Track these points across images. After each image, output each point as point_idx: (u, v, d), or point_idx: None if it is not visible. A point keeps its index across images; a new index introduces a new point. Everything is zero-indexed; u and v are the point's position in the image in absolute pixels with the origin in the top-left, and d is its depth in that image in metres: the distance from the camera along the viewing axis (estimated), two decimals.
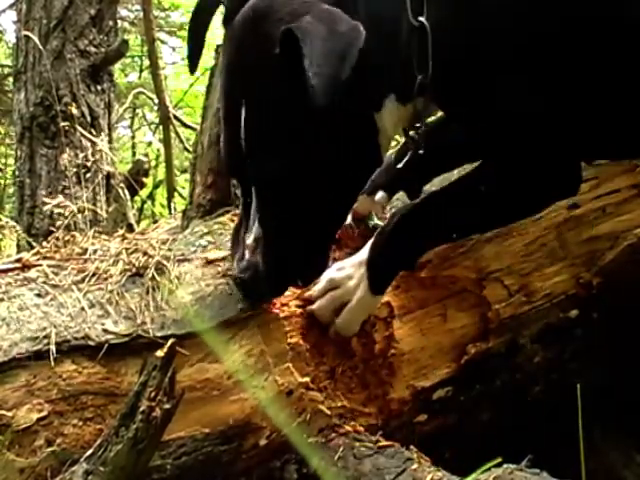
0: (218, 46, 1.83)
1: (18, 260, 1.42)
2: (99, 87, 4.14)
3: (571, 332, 1.59)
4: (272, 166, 1.29)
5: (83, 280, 1.37)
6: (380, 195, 1.60)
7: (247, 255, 1.34)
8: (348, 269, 1.47)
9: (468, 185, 1.43)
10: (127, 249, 1.44)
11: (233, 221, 1.55)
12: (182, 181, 6.16)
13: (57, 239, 1.55)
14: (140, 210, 5.37)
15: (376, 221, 1.61)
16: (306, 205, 1.33)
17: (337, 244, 1.58)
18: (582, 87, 1.30)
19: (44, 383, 1.22)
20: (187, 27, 1.47)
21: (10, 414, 1.18)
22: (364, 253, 1.47)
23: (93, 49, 4.11)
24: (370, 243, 1.47)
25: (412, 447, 1.35)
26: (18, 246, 3.67)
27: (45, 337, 1.25)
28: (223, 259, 1.46)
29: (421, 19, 1.27)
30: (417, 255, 1.49)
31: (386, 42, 1.29)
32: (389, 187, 1.61)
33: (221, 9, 1.39)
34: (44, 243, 1.55)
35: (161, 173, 6.73)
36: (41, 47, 3.85)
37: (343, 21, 1.19)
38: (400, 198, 1.65)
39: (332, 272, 1.47)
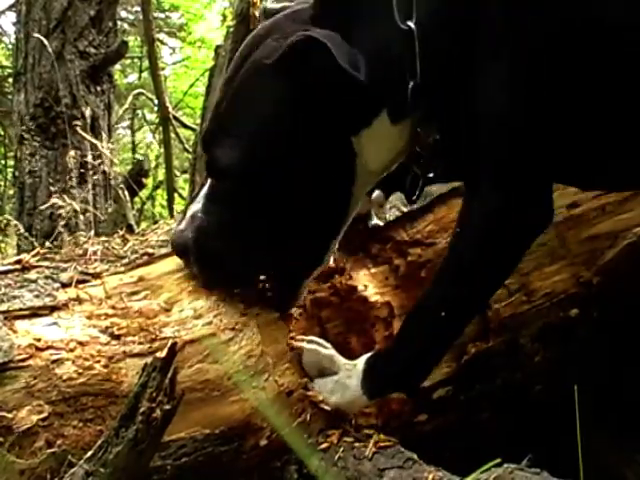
0: (217, 46, 1.84)
1: (18, 261, 1.41)
2: (99, 88, 4.15)
3: (571, 331, 1.59)
4: (230, 156, 1.27)
5: (83, 282, 1.37)
6: (377, 194, 1.57)
7: (182, 225, 1.34)
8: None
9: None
10: (127, 251, 1.44)
11: None
12: (182, 182, 6.17)
13: (61, 240, 1.56)
14: (140, 211, 5.37)
15: (375, 221, 1.60)
16: (256, 214, 1.29)
17: None
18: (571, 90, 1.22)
19: (44, 384, 1.22)
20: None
21: (10, 416, 1.18)
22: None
23: (93, 50, 4.12)
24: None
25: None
26: (18, 247, 3.68)
27: None
28: None
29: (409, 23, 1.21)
30: (421, 376, 1.36)
31: (379, 54, 1.24)
32: (385, 186, 1.56)
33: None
34: (46, 244, 1.55)
35: (161, 174, 6.74)
36: (48, 48, 3.85)
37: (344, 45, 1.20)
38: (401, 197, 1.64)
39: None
